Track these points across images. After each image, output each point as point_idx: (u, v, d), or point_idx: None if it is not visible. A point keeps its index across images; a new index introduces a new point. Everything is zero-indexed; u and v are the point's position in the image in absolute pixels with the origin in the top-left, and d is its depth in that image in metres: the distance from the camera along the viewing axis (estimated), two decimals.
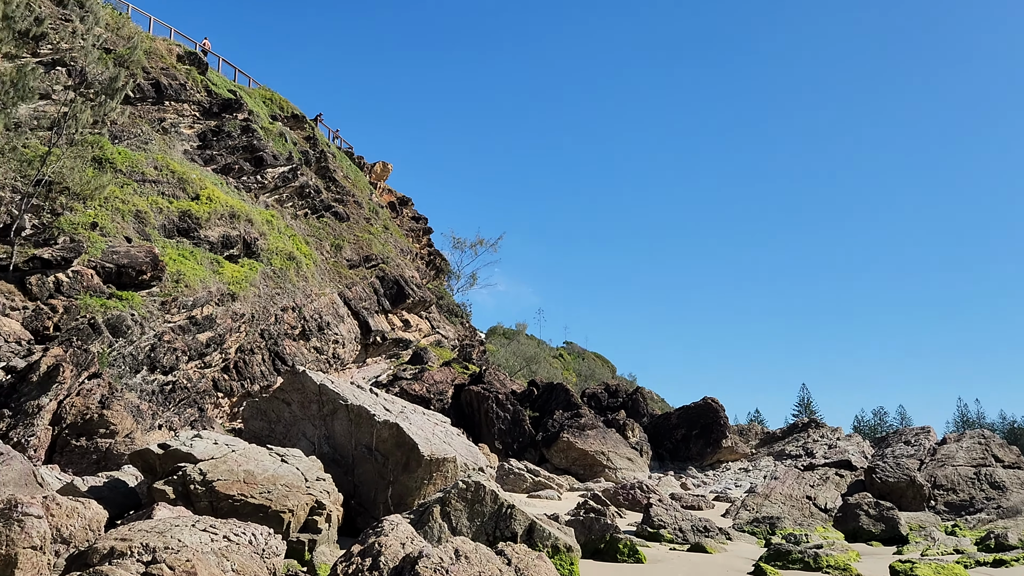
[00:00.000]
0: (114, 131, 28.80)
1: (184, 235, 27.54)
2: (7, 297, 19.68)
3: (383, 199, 51.52)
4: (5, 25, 21.31)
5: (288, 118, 42.76)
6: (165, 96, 32.63)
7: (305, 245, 35.00)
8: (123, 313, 21.36)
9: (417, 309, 41.79)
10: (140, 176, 27.76)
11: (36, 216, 23.07)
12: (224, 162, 33.90)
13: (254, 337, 27.62)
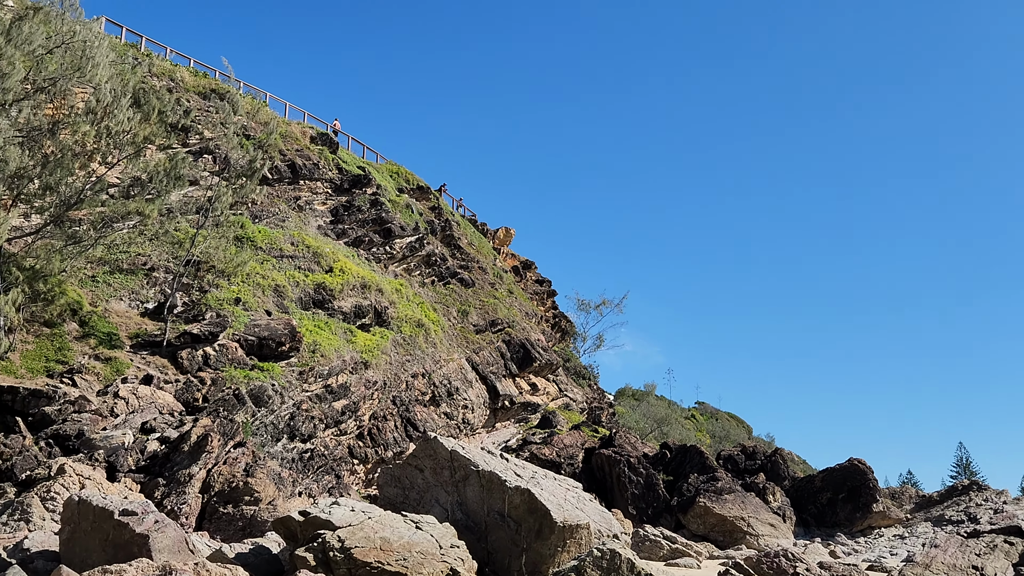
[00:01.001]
0: (254, 211, 30.61)
1: (319, 306, 28.69)
2: (161, 371, 20.92)
3: (507, 264, 52.21)
4: (159, 120, 23.14)
5: (414, 190, 44.27)
6: (300, 175, 34.49)
7: (433, 312, 35.73)
8: (264, 383, 22.28)
9: (544, 372, 41.71)
10: (278, 252, 29.27)
11: (186, 294, 24.61)
12: (355, 235, 35.29)
13: (386, 404, 28.20)
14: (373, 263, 35.10)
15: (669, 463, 33.00)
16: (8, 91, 18.28)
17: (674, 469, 32.29)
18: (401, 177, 44.78)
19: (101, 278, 23.66)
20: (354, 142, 45.07)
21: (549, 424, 38.09)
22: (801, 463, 59.59)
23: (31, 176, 19.98)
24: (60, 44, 20.56)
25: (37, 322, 20.29)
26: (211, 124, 31.43)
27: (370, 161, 44.50)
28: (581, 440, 35.99)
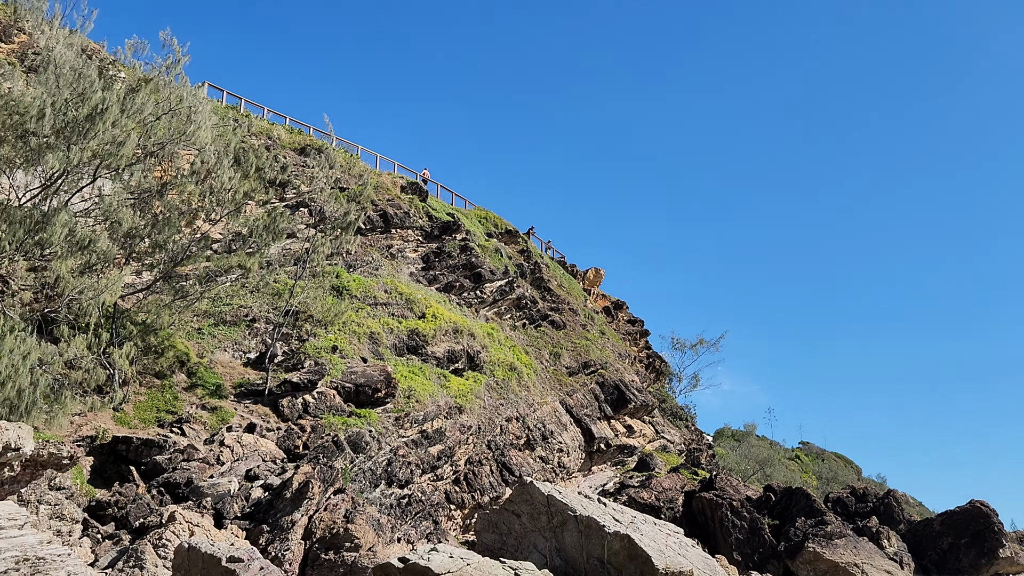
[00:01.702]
0: (349, 260, 31.45)
1: (413, 352, 29.08)
2: (264, 419, 21.51)
3: (597, 304, 51.92)
4: (258, 177, 24.14)
5: (502, 234, 44.70)
6: (391, 224, 35.31)
7: (525, 355, 35.72)
8: (362, 430, 22.61)
9: (640, 414, 41.01)
10: (372, 300, 29.91)
11: (286, 343, 25.34)
12: (446, 281, 35.79)
13: (481, 448, 28.19)
14: (464, 308, 35.45)
15: (774, 506, 31.77)
16: (122, 158, 19.40)
17: (779, 513, 31.05)
18: (489, 222, 45.34)
19: (207, 330, 24.63)
20: (443, 190, 46.01)
21: (647, 467, 37.31)
22: (916, 505, 56.45)
23: (142, 235, 21.06)
24: (168, 111, 21.75)
25: (149, 374, 21.20)
26: (306, 178, 32.62)
27: (459, 208, 45.26)
28: (680, 483, 35.08)
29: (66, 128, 18.36)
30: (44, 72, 20.05)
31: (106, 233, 19.15)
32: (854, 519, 32.37)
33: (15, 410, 15.08)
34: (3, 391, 14.76)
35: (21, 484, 11.40)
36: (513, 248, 43.92)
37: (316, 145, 35.24)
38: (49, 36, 21.81)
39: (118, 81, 22.19)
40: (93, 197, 20.62)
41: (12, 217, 17.41)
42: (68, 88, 19.52)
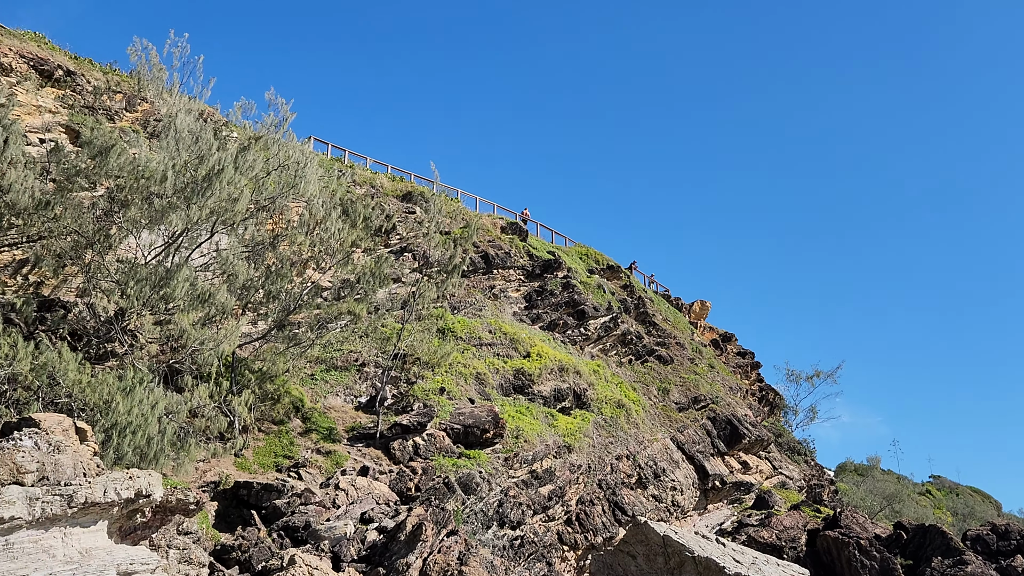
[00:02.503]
0: (453, 302, 31.86)
1: (519, 392, 29.06)
2: (376, 462, 21.83)
3: (705, 338, 50.77)
4: (364, 225, 24.85)
5: (604, 270, 44.45)
6: (493, 265, 35.64)
7: (632, 391, 35.17)
8: (472, 471, 22.63)
9: (755, 449, 39.61)
10: (477, 341, 30.13)
11: (395, 386, 25.76)
12: (549, 319, 35.74)
13: (592, 488, 27.76)
14: (569, 346, 35.27)
15: (906, 545, 29.97)
16: (237, 213, 20.34)
17: (912, 552, 29.25)
18: (591, 258, 45.20)
19: (319, 376, 25.32)
20: (543, 228, 46.24)
21: (765, 504, 35.89)
22: None
23: (257, 286, 21.94)
24: (277, 167, 22.72)
25: (267, 420, 21.91)
26: (409, 224, 33.39)
27: (559, 245, 45.35)
28: (802, 521, 33.55)
29: (186, 188, 19.40)
30: (165, 137, 21.31)
31: (224, 286, 20.02)
32: (996, 558, 30.17)
33: (145, 457, 15.79)
34: (134, 439, 15.49)
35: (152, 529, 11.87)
36: (615, 284, 43.57)
37: (417, 191, 36.10)
38: (169, 103, 23.23)
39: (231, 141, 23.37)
40: (211, 252, 21.66)
41: (139, 275, 18.44)
42: (187, 151, 20.68)
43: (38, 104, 22.27)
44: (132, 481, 10.21)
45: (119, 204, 19.63)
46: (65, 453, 9.56)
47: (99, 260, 19.02)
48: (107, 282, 19.31)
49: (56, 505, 9.07)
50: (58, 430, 10.09)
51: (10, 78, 21.36)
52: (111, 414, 15.37)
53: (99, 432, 14.60)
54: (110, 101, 24.47)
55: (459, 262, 28.68)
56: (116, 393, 15.62)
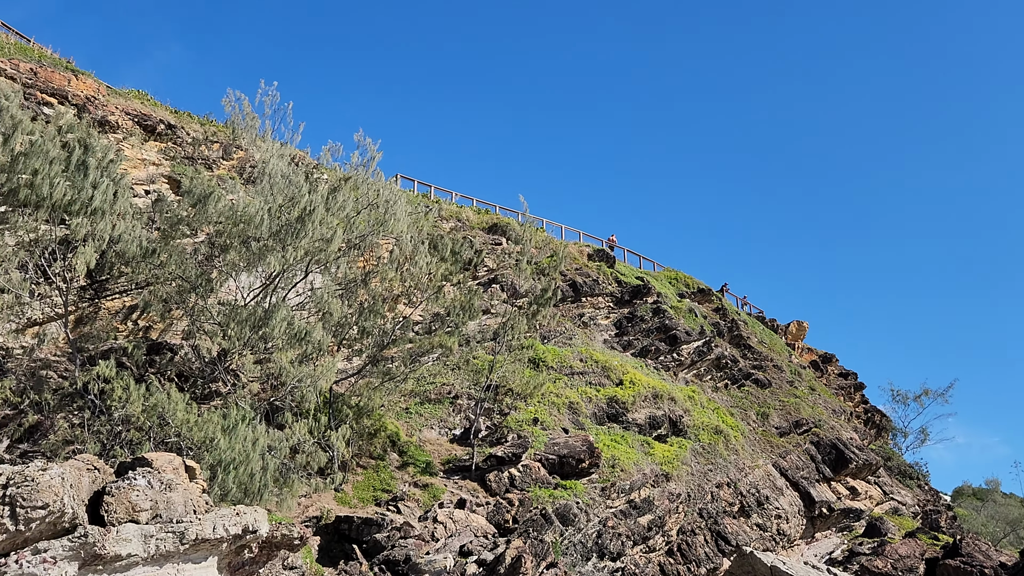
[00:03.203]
0: (543, 332, 31.79)
1: (613, 420, 28.67)
2: (472, 494, 21.82)
3: (803, 359, 49.18)
4: (453, 259, 25.13)
5: (694, 293, 43.69)
6: (581, 293, 35.48)
7: (730, 417, 34.26)
8: (569, 502, 22.37)
9: (863, 474, 37.93)
10: (569, 370, 29.94)
11: (488, 418, 25.79)
12: (640, 345, 35.26)
13: (693, 517, 27.04)
14: (662, 372, 34.69)
15: None
16: (330, 253, 20.88)
17: None
18: (680, 282, 44.53)
19: (413, 409, 25.58)
20: (630, 254, 45.88)
21: (877, 532, 34.23)
22: None
23: (350, 323, 22.40)
24: (366, 205, 23.25)
25: (364, 455, 22.22)
26: (497, 255, 33.60)
27: (647, 271, 44.86)
28: (919, 549, 31.83)
29: (281, 231, 20.04)
30: (260, 182, 22.11)
31: (319, 324, 20.50)
32: None
33: (249, 493, 16.20)
34: (238, 475, 15.92)
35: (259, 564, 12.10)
36: (707, 307, 42.76)
37: (503, 222, 36.36)
38: (263, 150, 24.11)
39: (322, 183, 24.07)
40: (306, 291, 22.26)
41: (239, 316, 19.09)
42: (281, 195, 21.39)
43: (142, 158, 23.47)
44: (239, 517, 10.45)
45: (219, 249, 20.43)
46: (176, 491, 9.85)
47: (202, 303, 19.77)
48: (210, 324, 20.04)
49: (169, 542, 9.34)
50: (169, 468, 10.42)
51: (117, 135, 22.60)
52: (216, 451, 15.86)
53: (206, 469, 15.06)
54: (208, 151, 25.60)
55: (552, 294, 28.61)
56: (220, 431, 16.12)
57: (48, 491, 8.31)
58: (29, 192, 16.73)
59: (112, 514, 9.18)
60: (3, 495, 8.14)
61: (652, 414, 29.78)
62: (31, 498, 8.18)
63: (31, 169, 16.73)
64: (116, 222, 18.19)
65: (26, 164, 16.77)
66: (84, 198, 17.27)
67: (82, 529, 8.70)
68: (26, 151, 16.96)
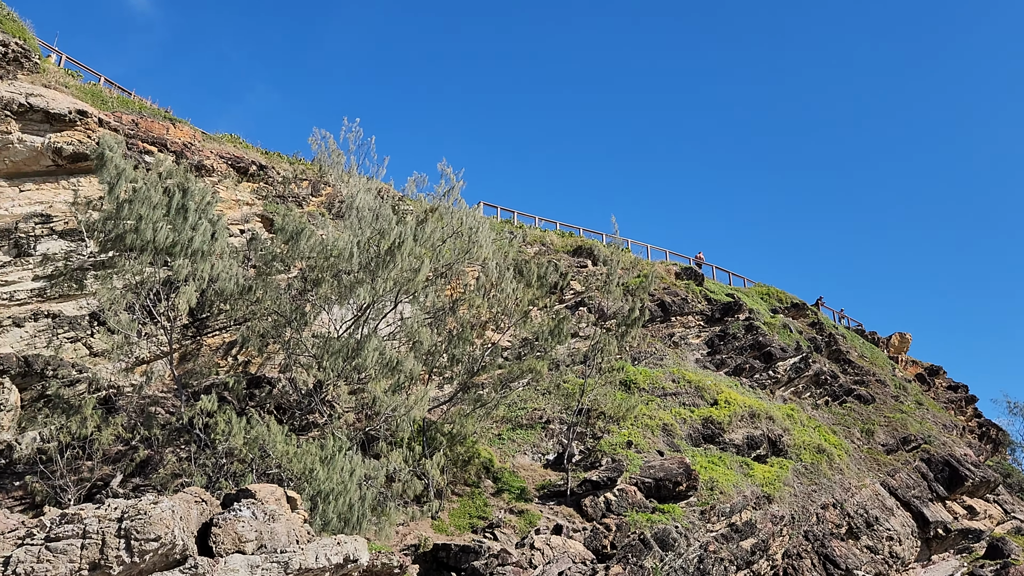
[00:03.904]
0: (633, 353, 31.39)
1: (709, 441, 27.99)
2: (569, 520, 21.59)
3: (908, 372, 47.11)
4: (539, 284, 25.15)
5: (787, 308, 42.48)
6: (670, 312, 34.93)
7: (832, 435, 33.02)
8: (668, 526, 21.88)
9: (980, 492, 35.90)
10: (661, 391, 29.44)
11: (581, 442, 25.54)
12: (734, 363, 34.42)
13: (798, 540, 26.06)
14: (758, 390, 33.75)
15: None
16: (418, 283, 21.18)
17: None
18: (773, 297, 43.40)
19: (506, 435, 25.56)
20: (718, 271, 45.01)
21: (1000, 553, 32.26)
22: None
23: (440, 351, 22.61)
24: (451, 234, 23.53)
25: (459, 482, 22.28)
26: (582, 278, 33.47)
27: (737, 287, 43.89)
28: None
29: (370, 263, 20.45)
30: (348, 217, 22.66)
31: (410, 353, 20.78)
32: None
33: (348, 523, 16.42)
34: (336, 505, 16.17)
35: None
36: (802, 322, 41.49)
37: (588, 245, 36.24)
38: (350, 185, 24.72)
39: (408, 215, 24.51)
40: (396, 321, 22.61)
41: (333, 348, 19.51)
42: (369, 228, 21.86)
43: (236, 198, 24.38)
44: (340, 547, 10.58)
45: (311, 283, 20.97)
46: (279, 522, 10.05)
47: (297, 337, 20.30)
48: (305, 357, 20.55)
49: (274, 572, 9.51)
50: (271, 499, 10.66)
51: (212, 178, 23.56)
52: (315, 482, 16.17)
53: (306, 500, 15.35)
54: (297, 188, 26.42)
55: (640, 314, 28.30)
56: (318, 462, 16.43)
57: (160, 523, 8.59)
58: (134, 237, 17.57)
59: (220, 545, 9.42)
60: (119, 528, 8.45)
61: (750, 434, 28.95)
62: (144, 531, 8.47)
63: (135, 215, 17.58)
64: (215, 262, 18.91)
65: (130, 210, 17.64)
66: (184, 240, 18.02)
67: (192, 560, 8.94)
68: (130, 198, 17.84)
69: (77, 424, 16.57)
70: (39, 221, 19.75)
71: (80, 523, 8.57)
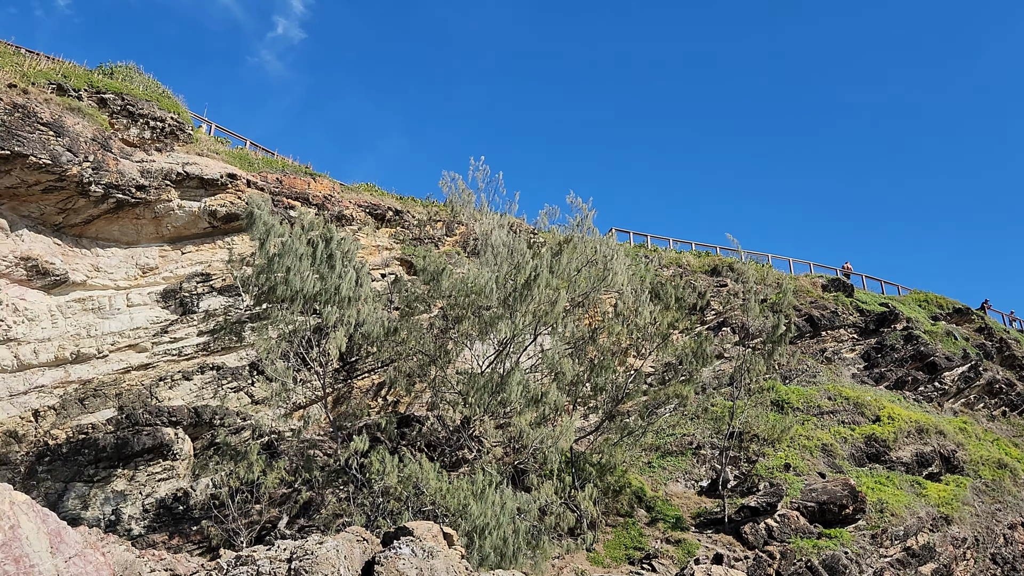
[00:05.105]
0: (783, 372, 30.14)
1: (874, 460, 26.38)
2: (728, 548, 20.78)
3: None
4: (678, 306, 24.63)
5: (950, 314, 39.75)
6: (820, 327, 33.38)
7: (1014, 448, 30.44)
8: (836, 552, 20.68)
9: None
10: (817, 409, 28.06)
11: (735, 467, 24.64)
12: (894, 377, 32.44)
13: (985, 563, 24.02)
14: (923, 403, 31.60)
15: None
16: (557, 314, 21.19)
17: None
18: (931, 304, 40.73)
19: (655, 463, 25.01)
20: (869, 280, 42.74)
21: None
22: None
23: (582, 380, 22.46)
24: (586, 263, 23.47)
25: (611, 513, 21.93)
26: (722, 298, 32.54)
27: (891, 295, 41.51)
28: None
29: (508, 298, 20.66)
30: (484, 253, 23.02)
31: (553, 384, 20.74)
32: None
33: (504, 557, 16.44)
34: (491, 540, 16.22)
35: None
36: (967, 328, 38.69)
37: (725, 263, 35.27)
38: (483, 223, 25.17)
39: (542, 247, 24.65)
40: (536, 353, 22.66)
41: (477, 384, 19.74)
42: (505, 263, 22.13)
43: (376, 244, 25.29)
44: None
45: (453, 320, 21.37)
46: (437, 558, 10.15)
47: (442, 374, 20.69)
48: (451, 394, 20.89)
49: None
50: (428, 536, 10.79)
51: (352, 226, 24.56)
52: (469, 517, 16.30)
53: (462, 536, 15.49)
54: (432, 230, 27.14)
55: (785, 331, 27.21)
56: (471, 497, 16.57)
57: (326, 563, 8.84)
58: (284, 288, 18.49)
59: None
60: (288, 569, 8.76)
61: (919, 451, 27.07)
62: (312, 570, 8.74)
63: (284, 267, 18.52)
64: (360, 307, 19.62)
65: (280, 263, 18.59)
66: (331, 288, 18.81)
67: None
68: (279, 252, 18.82)
69: (244, 470, 17.45)
70: (200, 280, 21.15)
71: (253, 565, 8.95)
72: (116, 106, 20.61)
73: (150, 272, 20.72)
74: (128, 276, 20.34)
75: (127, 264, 20.36)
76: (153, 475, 18.17)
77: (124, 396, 19.26)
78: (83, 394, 18.85)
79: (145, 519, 17.74)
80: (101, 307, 19.64)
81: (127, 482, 17.92)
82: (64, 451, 17.79)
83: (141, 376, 19.86)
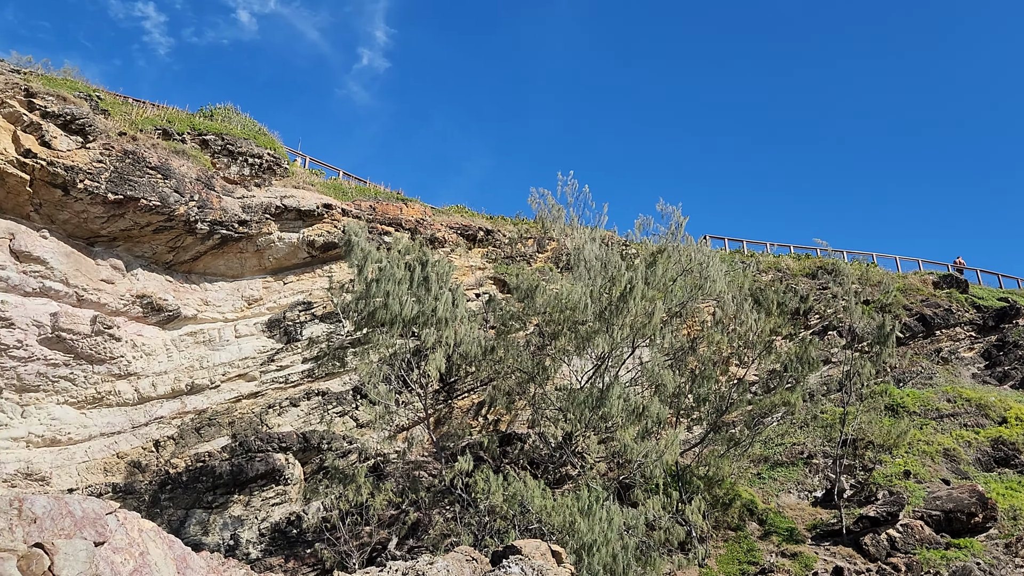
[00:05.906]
0: (895, 375, 28.83)
1: (1003, 464, 24.82)
2: (849, 561, 19.91)
3: None
4: (779, 311, 23.88)
5: None
6: (932, 326, 31.83)
7: None
8: (967, 563, 19.51)
9: None
10: (935, 412, 26.69)
11: (850, 475, 23.63)
12: (1019, 375, 30.52)
13: None
14: None
15: None
16: (654, 326, 20.86)
17: None
18: None
19: (765, 474, 24.22)
20: (984, 274, 40.49)
21: None
22: None
23: (684, 392, 22.00)
24: (681, 272, 23.05)
25: (722, 527, 21.33)
26: (825, 300, 31.43)
27: (1011, 289, 39.22)
28: None
29: (604, 311, 20.47)
30: (577, 268, 22.90)
31: (654, 397, 20.38)
32: None
33: (614, 573, 16.18)
34: (600, 557, 15.99)
35: None
36: None
37: (827, 265, 34.07)
38: (573, 238, 25.09)
39: (636, 259, 24.36)
40: (635, 366, 22.34)
41: (577, 399, 19.59)
42: (599, 277, 21.95)
43: (469, 264, 25.52)
44: None
45: (549, 337, 21.32)
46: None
47: (541, 391, 20.63)
48: (551, 410, 20.80)
49: None
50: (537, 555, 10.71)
51: (445, 248, 24.86)
52: (576, 534, 16.12)
53: (570, 553, 15.32)
54: (523, 247, 27.21)
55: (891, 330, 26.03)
56: (577, 514, 16.39)
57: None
58: (383, 312, 18.83)
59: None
60: None
61: None
62: None
63: (383, 292, 18.87)
64: (457, 327, 19.79)
65: (378, 288, 18.96)
66: (428, 310, 19.05)
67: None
68: (376, 277, 19.20)
69: (353, 492, 17.78)
70: (302, 308, 21.78)
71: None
72: (217, 146, 21.53)
73: (255, 303, 21.47)
74: (235, 308, 21.13)
75: (233, 296, 21.16)
76: (267, 500, 18.72)
77: (236, 424, 19.97)
78: (199, 423, 19.63)
79: (261, 543, 18.28)
80: (211, 339, 20.45)
81: (243, 507, 18.52)
82: (184, 479, 18.53)
83: (251, 404, 20.55)
